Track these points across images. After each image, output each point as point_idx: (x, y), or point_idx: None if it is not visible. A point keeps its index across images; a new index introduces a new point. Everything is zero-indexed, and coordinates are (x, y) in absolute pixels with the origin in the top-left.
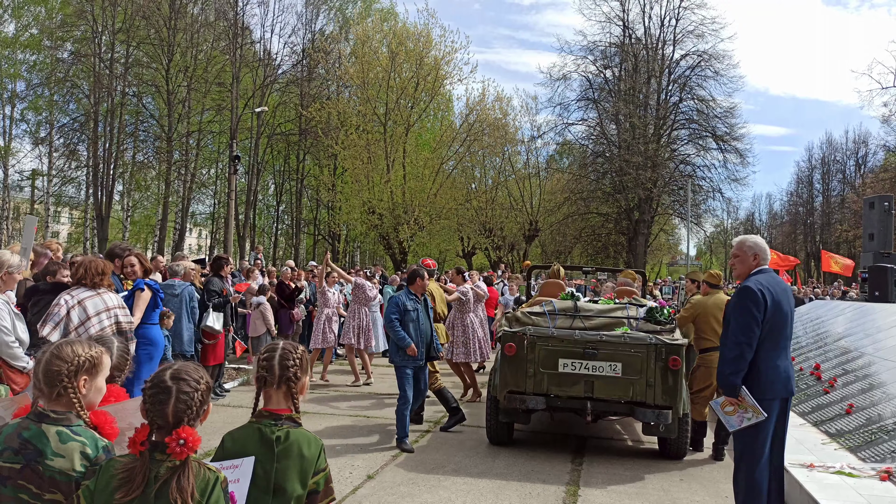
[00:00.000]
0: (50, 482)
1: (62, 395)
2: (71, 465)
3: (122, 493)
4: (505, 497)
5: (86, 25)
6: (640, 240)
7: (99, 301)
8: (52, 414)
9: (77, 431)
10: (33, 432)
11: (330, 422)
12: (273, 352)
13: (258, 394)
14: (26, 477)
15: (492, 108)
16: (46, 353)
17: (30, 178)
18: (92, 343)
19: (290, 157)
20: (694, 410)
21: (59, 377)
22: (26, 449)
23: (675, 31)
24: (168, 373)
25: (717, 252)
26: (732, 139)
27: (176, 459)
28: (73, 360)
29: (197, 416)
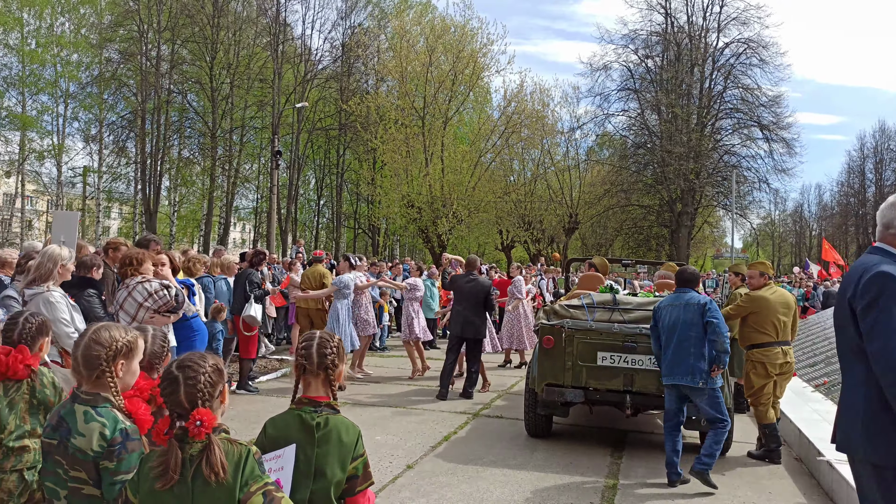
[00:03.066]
0: (73, 459)
1: (100, 378)
2: (89, 445)
3: (160, 483)
4: (543, 489)
5: (133, 25)
6: (682, 232)
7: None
8: (83, 394)
9: (100, 412)
10: (68, 410)
11: (370, 412)
12: (311, 341)
13: (297, 381)
14: (60, 453)
15: (530, 99)
16: (85, 337)
17: (82, 175)
18: (128, 328)
19: (330, 151)
20: (757, 413)
21: (97, 361)
22: (61, 426)
23: (720, 19)
24: (174, 364)
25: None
26: (779, 128)
27: (198, 441)
28: (111, 344)
29: (211, 398)
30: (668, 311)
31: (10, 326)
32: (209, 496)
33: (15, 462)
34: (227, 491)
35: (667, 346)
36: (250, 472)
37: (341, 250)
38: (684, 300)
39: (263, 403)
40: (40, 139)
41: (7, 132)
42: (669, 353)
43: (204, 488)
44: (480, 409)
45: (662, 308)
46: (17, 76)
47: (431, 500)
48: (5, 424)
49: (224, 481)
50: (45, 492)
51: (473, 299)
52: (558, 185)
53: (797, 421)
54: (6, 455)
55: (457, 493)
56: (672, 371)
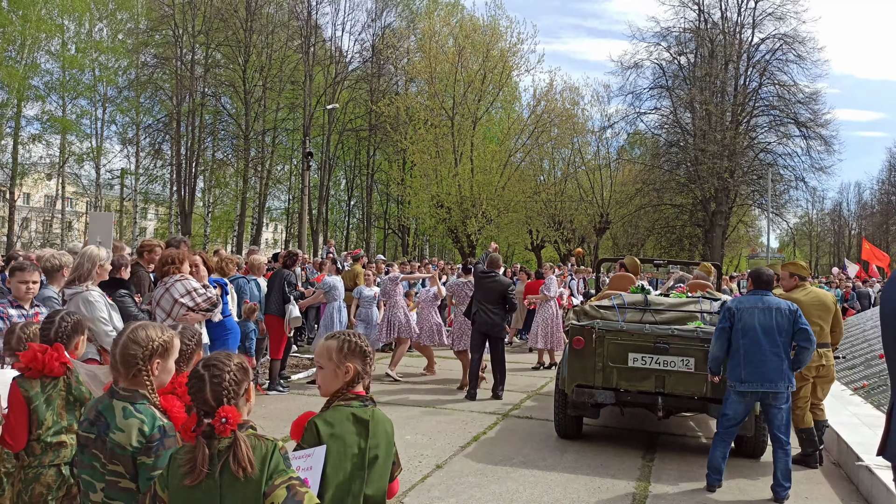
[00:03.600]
0: (111, 454)
1: (137, 377)
2: (128, 440)
3: (189, 479)
4: (573, 490)
5: (168, 30)
6: (716, 231)
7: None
8: (121, 391)
9: (139, 409)
10: (106, 405)
11: (400, 411)
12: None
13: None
14: (97, 447)
15: (560, 98)
16: (123, 336)
17: (119, 177)
18: (164, 327)
19: (360, 152)
20: (794, 417)
21: (134, 360)
22: (99, 421)
23: (755, 14)
24: (201, 363)
25: (802, 244)
26: (816, 125)
27: (224, 437)
28: (148, 344)
29: (236, 396)
30: (749, 314)
31: (47, 325)
32: (237, 490)
33: (53, 457)
34: (254, 485)
35: (749, 350)
36: (275, 466)
37: (371, 251)
38: (767, 303)
39: (295, 402)
40: (80, 142)
41: (48, 136)
42: (750, 358)
43: (232, 483)
44: (510, 410)
45: (743, 310)
46: (58, 81)
47: (461, 499)
48: (43, 420)
49: (251, 476)
50: (81, 484)
51: (494, 297)
52: (589, 185)
53: (835, 425)
54: (44, 450)
55: (486, 494)
56: (753, 377)
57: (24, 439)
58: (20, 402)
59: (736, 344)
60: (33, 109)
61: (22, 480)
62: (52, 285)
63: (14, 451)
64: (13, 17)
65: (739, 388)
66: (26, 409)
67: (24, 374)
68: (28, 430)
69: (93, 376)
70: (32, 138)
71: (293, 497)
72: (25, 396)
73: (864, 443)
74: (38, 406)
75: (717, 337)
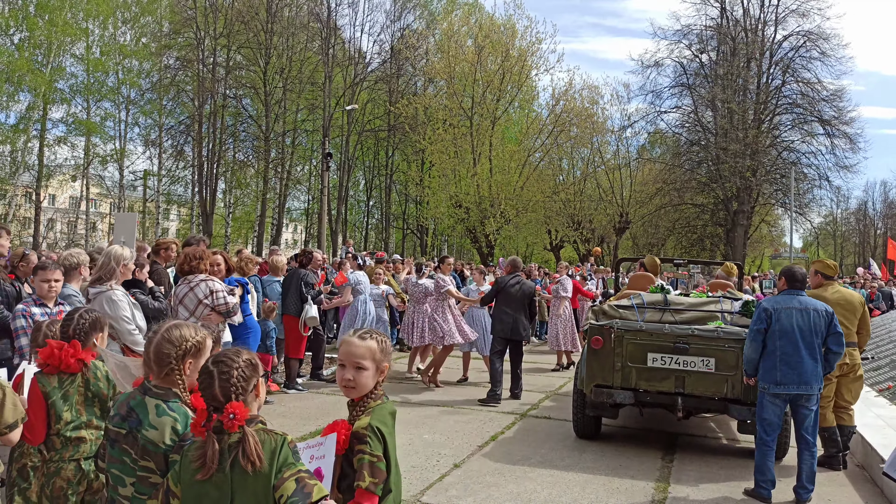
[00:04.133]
0: (143, 450)
1: (169, 375)
2: (161, 438)
3: (200, 474)
4: (591, 490)
5: (190, 33)
6: (738, 231)
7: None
8: (155, 388)
9: (172, 407)
10: (138, 402)
11: (418, 410)
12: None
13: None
14: (129, 442)
15: (580, 97)
16: (158, 334)
17: (142, 178)
18: (198, 327)
19: (379, 153)
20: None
21: (168, 359)
22: (131, 417)
23: (777, 11)
24: (210, 360)
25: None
26: (841, 123)
27: (232, 433)
28: (182, 344)
29: (244, 392)
30: (787, 315)
31: (67, 322)
32: (247, 484)
33: (73, 452)
34: (264, 479)
35: (786, 352)
36: (284, 459)
37: (390, 250)
38: (804, 304)
39: (313, 400)
40: (104, 144)
41: (73, 138)
42: (787, 360)
43: (242, 476)
44: (528, 410)
45: (780, 311)
46: (83, 84)
47: (479, 498)
48: (61, 415)
49: (261, 470)
50: (110, 478)
51: (519, 301)
52: (608, 184)
53: (860, 427)
54: (64, 445)
55: (504, 493)
56: (789, 379)
57: (42, 433)
58: (38, 397)
59: (772, 345)
60: (58, 112)
61: (44, 475)
62: (71, 283)
63: (33, 444)
64: (39, 22)
65: (774, 391)
66: (44, 404)
67: (43, 370)
68: (47, 425)
69: (122, 366)
70: (57, 140)
71: (302, 489)
72: (43, 392)
73: (889, 445)
74: (56, 401)
75: (752, 338)
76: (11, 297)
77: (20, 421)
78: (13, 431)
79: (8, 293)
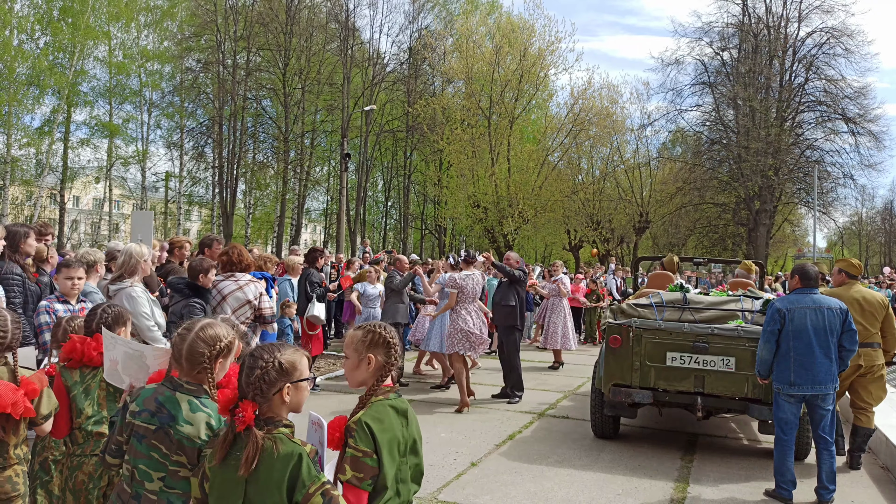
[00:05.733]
0: (178, 445)
1: (201, 374)
2: (197, 433)
3: (216, 458)
4: (609, 490)
5: (210, 35)
6: (761, 231)
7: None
8: (186, 385)
9: (205, 403)
10: (167, 398)
11: (435, 410)
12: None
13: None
14: (159, 438)
15: (598, 96)
16: (191, 332)
17: (164, 180)
18: (228, 327)
19: (397, 153)
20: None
21: (201, 358)
22: (161, 412)
23: (801, 7)
24: (252, 350)
25: (851, 243)
26: (866, 121)
27: (237, 431)
28: (216, 343)
29: (261, 393)
30: (801, 315)
31: (90, 317)
32: (258, 483)
33: (94, 447)
34: (275, 484)
35: (801, 352)
36: (307, 471)
37: (409, 251)
38: (818, 302)
39: (327, 400)
40: (126, 146)
41: (97, 140)
42: (801, 361)
43: (255, 475)
44: (546, 409)
45: (794, 311)
46: (106, 87)
47: (496, 497)
48: (82, 409)
49: (273, 475)
50: (136, 473)
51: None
52: (628, 184)
53: (884, 428)
54: (86, 439)
55: (521, 492)
56: (803, 380)
57: (65, 428)
58: (61, 391)
59: (786, 346)
60: (82, 115)
61: (67, 468)
62: (89, 281)
63: (57, 437)
64: (63, 26)
65: (788, 391)
66: (66, 397)
67: (66, 365)
68: (70, 419)
69: (136, 356)
70: (81, 143)
71: (329, 501)
72: (66, 385)
73: None
74: (77, 395)
75: (765, 339)
76: (35, 296)
77: (53, 412)
78: (47, 422)
79: (32, 292)
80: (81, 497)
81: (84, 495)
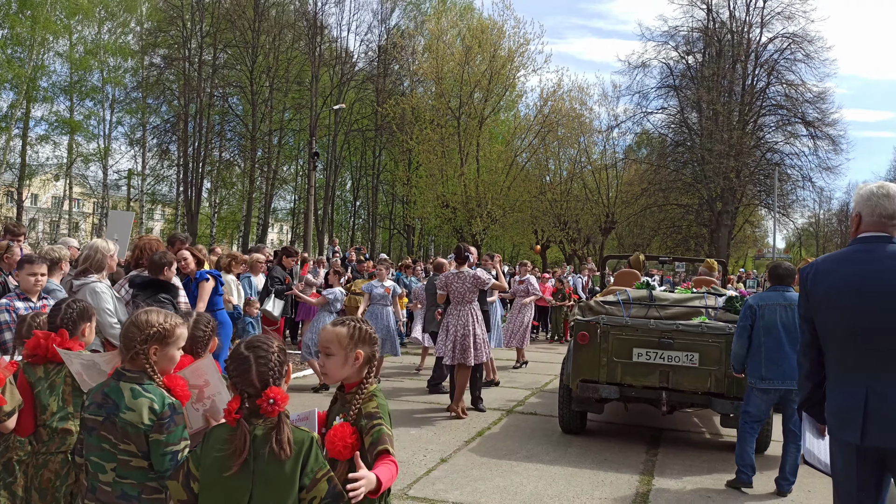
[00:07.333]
0: (123, 433)
1: (135, 358)
2: (140, 419)
3: (233, 462)
4: (577, 483)
5: (176, 31)
6: (722, 232)
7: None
8: (128, 373)
9: (147, 389)
10: (112, 388)
11: (405, 406)
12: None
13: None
14: (107, 428)
15: (568, 97)
16: (129, 318)
17: (126, 178)
18: (170, 314)
19: (366, 152)
20: None
21: (132, 342)
22: (107, 403)
23: (763, 13)
24: (243, 345)
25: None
26: (824, 125)
27: (271, 418)
28: (146, 329)
29: (280, 377)
30: (771, 311)
31: (54, 312)
32: (269, 476)
33: (60, 444)
34: (289, 472)
35: (771, 348)
36: (315, 458)
37: (377, 250)
38: (789, 300)
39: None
40: (87, 143)
41: (56, 136)
42: (771, 356)
43: (265, 468)
44: (514, 406)
45: (764, 306)
46: (66, 82)
47: (465, 492)
48: (46, 406)
49: (287, 462)
50: (89, 466)
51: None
52: (595, 185)
53: None
54: (51, 436)
55: (490, 487)
56: (774, 375)
57: (30, 425)
58: (25, 387)
59: (757, 342)
60: (41, 110)
61: (32, 467)
62: (52, 278)
63: (21, 435)
64: (21, 18)
65: (760, 386)
66: (31, 394)
67: (30, 361)
68: (34, 416)
69: (91, 365)
70: (40, 139)
71: (334, 488)
72: (29, 382)
73: None
74: (41, 392)
75: (738, 335)
76: None
77: (17, 408)
78: (10, 419)
79: None
80: (48, 495)
81: (51, 493)
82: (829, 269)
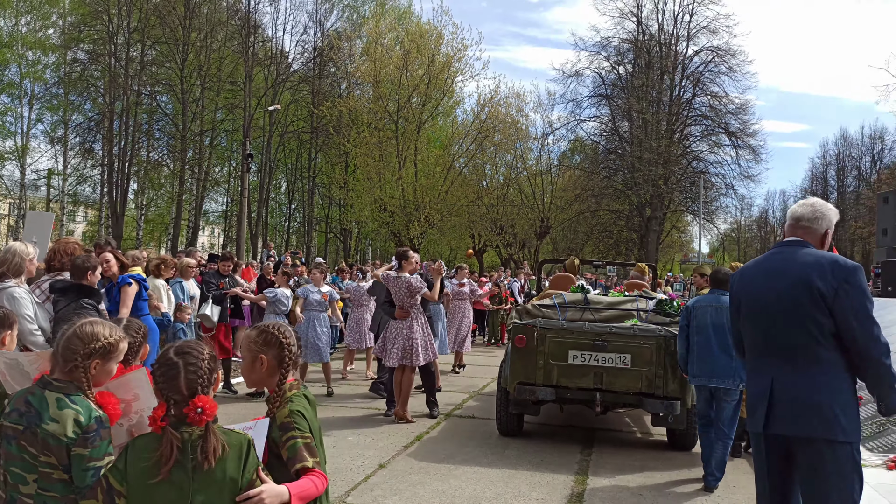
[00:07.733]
0: (43, 445)
1: (73, 371)
2: (63, 431)
3: (158, 471)
4: (514, 485)
5: (101, 26)
6: (651, 237)
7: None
8: (55, 382)
9: (74, 400)
10: (37, 396)
11: (343, 413)
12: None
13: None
14: (27, 438)
15: (505, 104)
16: (71, 328)
17: (46, 178)
18: (115, 327)
19: (302, 155)
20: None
21: (74, 354)
22: (29, 412)
23: (689, 27)
24: (172, 350)
25: (731, 249)
26: (746, 135)
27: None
28: (91, 342)
29: (209, 385)
30: (703, 312)
31: None
32: (210, 483)
33: None
34: (230, 478)
35: (700, 347)
36: (253, 458)
37: (312, 254)
38: (722, 302)
39: (229, 407)
40: (2, 141)
41: None
42: (700, 354)
43: (205, 475)
44: (452, 410)
45: (698, 308)
46: None
47: (404, 497)
48: None
49: (227, 469)
50: (9, 476)
51: None
52: (530, 190)
53: None
54: None
55: (429, 491)
56: (703, 372)
57: None
58: None
59: (691, 341)
60: None
61: None
62: None
63: None
64: None
65: (692, 383)
66: None
67: None
68: None
69: (14, 364)
70: None
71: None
72: None
73: None
74: None
75: (679, 336)
76: None
77: None
78: None
79: None
80: None
81: None
82: (750, 271)
